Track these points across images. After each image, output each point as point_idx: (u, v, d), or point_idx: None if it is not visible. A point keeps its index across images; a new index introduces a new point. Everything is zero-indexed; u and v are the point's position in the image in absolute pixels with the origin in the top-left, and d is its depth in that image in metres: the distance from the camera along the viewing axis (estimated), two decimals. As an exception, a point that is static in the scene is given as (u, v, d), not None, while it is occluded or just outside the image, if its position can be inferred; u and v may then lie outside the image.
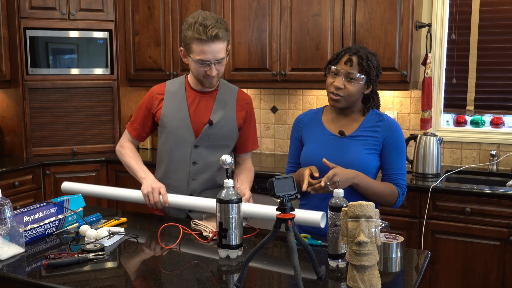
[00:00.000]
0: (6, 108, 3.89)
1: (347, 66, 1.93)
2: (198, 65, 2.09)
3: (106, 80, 3.96)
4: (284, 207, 1.45)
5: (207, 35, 2.00)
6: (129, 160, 2.27)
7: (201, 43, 2.03)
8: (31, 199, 3.57)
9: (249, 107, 2.30)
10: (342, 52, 1.97)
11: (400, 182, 2.00)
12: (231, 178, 1.69)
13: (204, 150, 2.21)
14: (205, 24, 2.01)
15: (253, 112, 2.34)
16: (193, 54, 2.08)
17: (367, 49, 1.98)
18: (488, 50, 3.30)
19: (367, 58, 1.92)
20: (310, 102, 3.81)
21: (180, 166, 2.24)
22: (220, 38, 2.03)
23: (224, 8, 3.60)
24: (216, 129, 2.20)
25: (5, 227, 1.70)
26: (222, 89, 2.27)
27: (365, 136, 1.98)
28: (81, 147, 3.96)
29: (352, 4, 3.22)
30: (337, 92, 1.95)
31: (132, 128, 2.33)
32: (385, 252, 1.66)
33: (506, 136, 3.29)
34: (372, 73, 1.93)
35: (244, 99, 2.30)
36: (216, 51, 2.05)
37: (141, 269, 1.63)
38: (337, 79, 1.95)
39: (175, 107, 2.22)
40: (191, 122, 2.20)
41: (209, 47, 2.03)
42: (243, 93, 2.32)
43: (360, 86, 1.95)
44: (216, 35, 2.01)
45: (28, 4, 3.71)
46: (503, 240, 2.75)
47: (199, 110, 2.21)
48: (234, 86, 2.34)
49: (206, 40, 2.01)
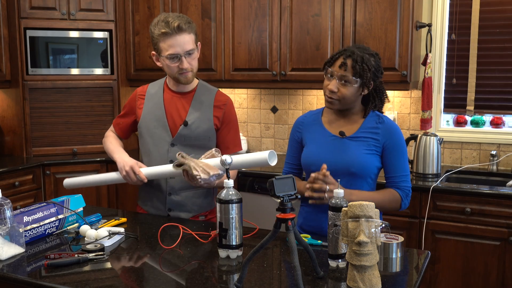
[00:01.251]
0: (6, 108, 3.89)
1: (341, 70, 1.92)
2: (170, 62, 2.14)
3: (106, 80, 3.96)
4: (284, 207, 1.45)
5: (170, 27, 2.08)
6: (109, 145, 2.37)
7: (167, 37, 2.10)
8: (31, 199, 3.57)
9: (227, 108, 2.28)
10: (337, 55, 1.97)
11: (402, 184, 2.00)
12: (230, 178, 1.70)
13: (181, 149, 2.22)
14: (167, 20, 2.10)
15: (233, 114, 2.31)
16: (163, 52, 2.14)
17: (365, 50, 1.95)
18: (488, 50, 3.30)
19: (362, 61, 1.90)
20: (310, 102, 3.81)
21: (158, 164, 2.25)
22: (184, 29, 2.10)
23: (224, 8, 3.60)
24: (191, 129, 2.22)
25: (5, 227, 1.70)
26: (200, 90, 2.29)
27: (366, 137, 1.98)
28: (81, 147, 3.96)
29: (352, 4, 3.22)
30: (331, 95, 1.96)
31: (116, 123, 2.43)
32: (385, 252, 1.66)
33: (506, 136, 3.29)
34: (366, 76, 1.91)
35: (222, 100, 2.29)
36: (183, 43, 2.11)
37: (141, 269, 1.63)
38: (332, 82, 1.95)
39: (153, 107, 2.28)
40: (167, 121, 2.25)
41: (175, 40, 2.10)
42: (221, 95, 2.31)
43: (355, 89, 1.94)
44: (178, 26, 2.09)
45: (28, 4, 3.71)
46: (503, 240, 2.75)
47: (175, 110, 2.26)
48: (214, 88, 2.34)
49: (171, 33, 2.09)
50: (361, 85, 1.93)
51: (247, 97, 4.03)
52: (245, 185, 3.36)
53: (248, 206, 3.02)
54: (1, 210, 1.70)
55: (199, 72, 3.73)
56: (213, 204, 2.31)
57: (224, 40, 3.64)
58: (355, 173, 1.96)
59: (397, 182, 2.00)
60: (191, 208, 2.26)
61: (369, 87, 1.96)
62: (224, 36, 3.63)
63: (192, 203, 2.25)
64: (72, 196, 2.06)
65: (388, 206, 1.96)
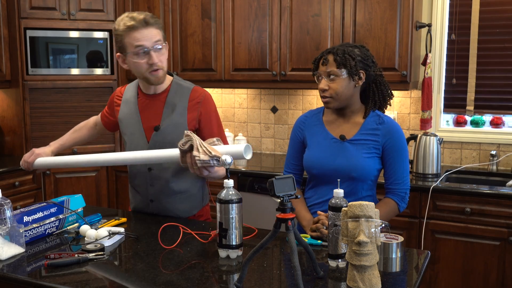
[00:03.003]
0: (6, 108, 3.89)
1: (324, 67, 1.94)
2: (137, 58, 2.01)
3: (106, 80, 3.96)
4: (284, 207, 1.45)
5: (136, 20, 1.98)
6: (70, 130, 2.46)
7: (132, 31, 1.99)
8: (31, 199, 3.57)
9: (202, 105, 2.12)
10: (319, 56, 1.99)
11: (398, 191, 2.00)
12: (228, 177, 1.69)
13: None
14: (132, 15, 2.01)
15: (211, 110, 2.15)
16: (128, 48, 2.01)
17: (349, 44, 1.97)
18: (488, 50, 3.30)
19: (344, 52, 1.91)
20: (310, 102, 3.81)
21: (138, 172, 2.20)
22: (150, 23, 2.00)
23: (224, 8, 3.60)
24: (164, 134, 2.10)
25: (5, 227, 1.71)
26: (172, 91, 2.14)
27: (365, 139, 1.98)
28: (81, 147, 3.95)
29: (352, 4, 3.22)
30: (323, 94, 1.96)
31: (104, 114, 2.41)
32: (385, 252, 1.66)
33: (506, 136, 3.29)
34: (349, 64, 1.90)
35: (196, 98, 2.13)
36: (150, 36, 1.99)
37: (141, 269, 1.63)
38: (321, 81, 1.96)
39: (129, 113, 2.19)
40: (143, 127, 2.15)
41: (141, 33, 1.98)
42: (196, 92, 2.15)
43: (345, 81, 1.93)
44: (144, 19, 1.99)
45: (28, 4, 3.71)
46: (503, 240, 2.75)
47: (149, 115, 2.15)
48: (189, 84, 2.18)
49: (137, 26, 1.98)
50: (349, 74, 1.92)
51: (247, 97, 4.03)
52: (245, 185, 3.36)
53: (248, 206, 3.02)
54: (1, 210, 1.70)
55: (199, 72, 3.74)
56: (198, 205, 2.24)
57: (224, 40, 3.64)
58: (356, 178, 1.96)
59: (392, 189, 2.00)
60: (175, 214, 2.19)
61: (360, 76, 1.95)
62: (224, 36, 3.63)
63: (175, 208, 2.18)
64: (72, 196, 2.06)
65: (385, 218, 1.96)
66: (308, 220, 1.99)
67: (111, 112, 2.34)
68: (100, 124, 2.44)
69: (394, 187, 2.00)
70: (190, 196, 2.20)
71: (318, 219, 1.84)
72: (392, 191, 2.00)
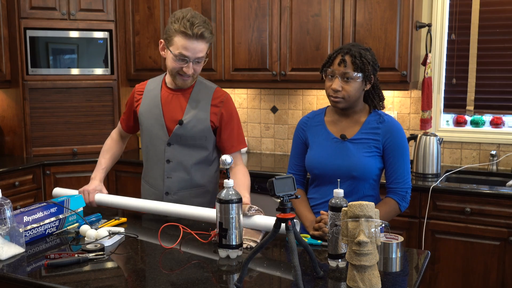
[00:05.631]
0: (6, 108, 3.89)
1: (341, 67, 1.93)
2: (176, 60, 2.08)
3: (106, 80, 3.96)
4: (284, 207, 1.45)
5: (193, 31, 2.02)
6: (100, 154, 2.41)
7: (184, 38, 2.04)
8: (31, 199, 3.57)
9: (224, 105, 2.22)
10: (335, 54, 1.97)
11: (399, 191, 2.00)
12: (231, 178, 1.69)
13: (177, 148, 2.21)
14: (193, 21, 2.03)
15: (233, 110, 2.25)
16: (173, 47, 2.07)
17: (359, 46, 1.97)
18: (488, 50, 3.30)
19: (360, 55, 1.92)
20: (310, 102, 3.81)
21: (155, 163, 2.25)
22: (205, 38, 2.06)
23: (224, 8, 3.60)
24: (186, 129, 2.18)
25: (5, 227, 1.70)
26: (197, 88, 2.22)
27: (366, 139, 1.98)
28: (81, 147, 3.96)
29: (352, 4, 3.22)
30: (335, 95, 1.95)
31: (122, 119, 2.44)
32: (385, 252, 1.66)
33: (506, 136, 3.29)
34: (367, 69, 1.92)
35: (219, 97, 2.22)
36: (197, 50, 2.06)
37: (141, 269, 1.63)
38: (334, 81, 1.95)
39: (150, 105, 2.25)
40: (164, 120, 2.21)
41: (192, 43, 2.04)
42: (219, 91, 2.25)
43: (358, 84, 1.94)
44: (201, 34, 2.03)
45: (28, 4, 3.71)
46: (503, 240, 2.75)
47: (172, 108, 2.21)
48: (212, 84, 2.27)
49: (191, 36, 2.03)
50: (364, 79, 1.94)
51: (247, 97, 4.03)
52: (245, 185, 3.35)
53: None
54: (1, 210, 1.70)
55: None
56: (212, 202, 2.29)
57: (224, 40, 3.64)
58: (357, 177, 1.96)
59: (392, 188, 2.01)
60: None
61: (370, 81, 1.97)
62: (224, 36, 3.63)
63: (190, 202, 2.22)
64: (72, 196, 2.06)
65: (386, 218, 1.96)
66: (310, 220, 1.99)
67: (129, 112, 2.38)
68: (122, 132, 2.48)
69: (394, 186, 2.00)
70: (205, 192, 2.27)
71: (320, 218, 1.85)
72: (393, 191, 2.00)
